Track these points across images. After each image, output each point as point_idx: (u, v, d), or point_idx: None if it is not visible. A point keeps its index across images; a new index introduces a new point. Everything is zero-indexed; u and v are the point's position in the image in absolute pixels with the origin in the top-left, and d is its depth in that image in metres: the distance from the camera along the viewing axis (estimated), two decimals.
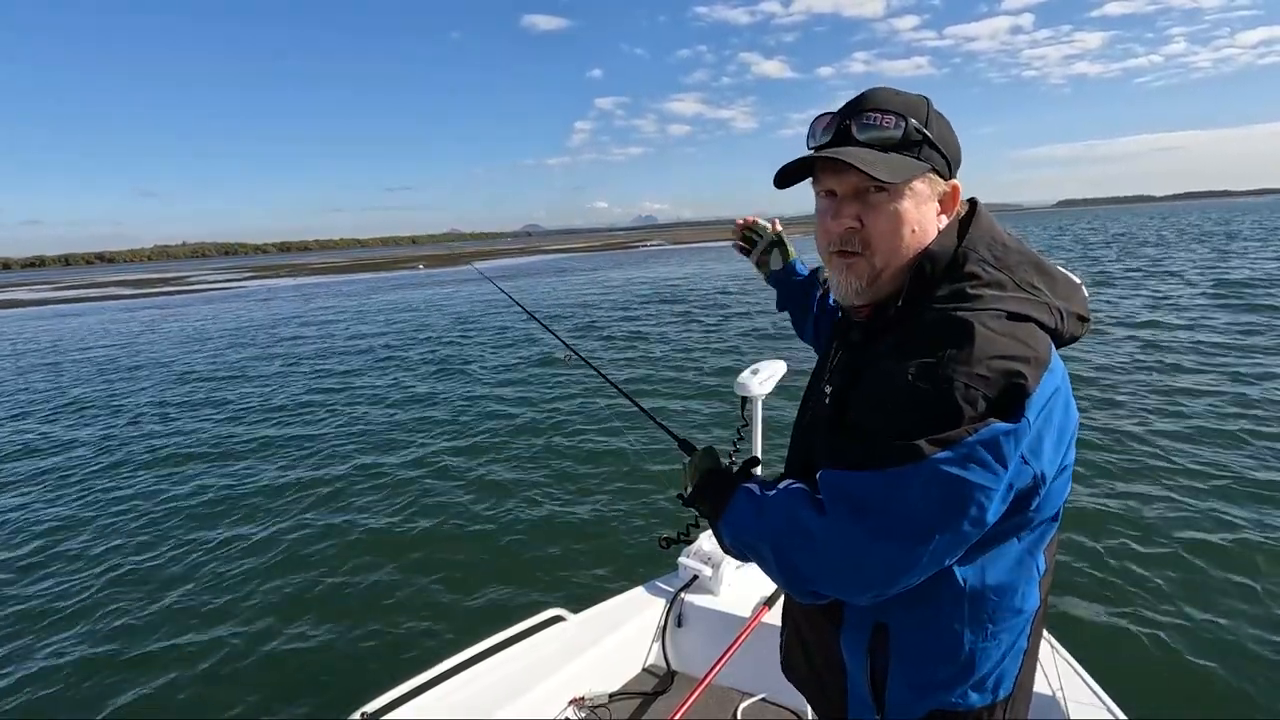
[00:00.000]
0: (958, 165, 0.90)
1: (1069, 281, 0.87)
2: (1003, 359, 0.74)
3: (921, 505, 0.74)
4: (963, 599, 0.83)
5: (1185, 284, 15.97)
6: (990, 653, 0.86)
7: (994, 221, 0.89)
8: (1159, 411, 6.58)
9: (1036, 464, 0.76)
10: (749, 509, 0.89)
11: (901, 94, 0.88)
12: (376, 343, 14.93)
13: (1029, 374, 0.74)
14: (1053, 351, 0.79)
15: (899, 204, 0.85)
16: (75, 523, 5.65)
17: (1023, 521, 0.82)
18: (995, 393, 0.73)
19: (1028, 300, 0.80)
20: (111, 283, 67.41)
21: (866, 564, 0.77)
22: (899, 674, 0.87)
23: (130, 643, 3.86)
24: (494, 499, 5.54)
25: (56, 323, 26.09)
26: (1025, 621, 0.87)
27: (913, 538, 0.75)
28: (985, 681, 0.86)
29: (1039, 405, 0.74)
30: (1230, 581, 3.69)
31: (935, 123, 0.87)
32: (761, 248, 1.52)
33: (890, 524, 0.75)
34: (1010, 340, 0.75)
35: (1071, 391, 0.82)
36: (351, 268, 68.26)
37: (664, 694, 2.26)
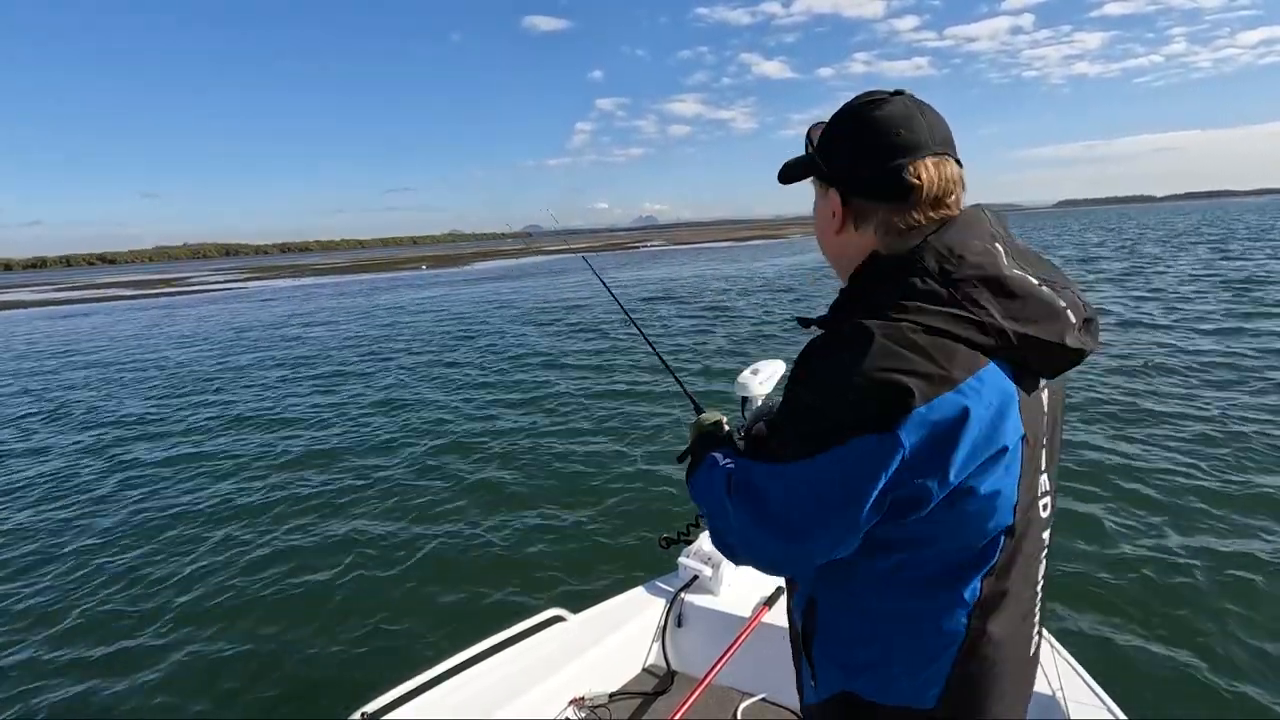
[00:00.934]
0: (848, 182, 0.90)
1: (1042, 305, 0.80)
2: (892, 371, 0.74)
3: (791, 503, 0.81)
4: (868, 593, 0.86)
5: (1182, 283, 15.98)
6: (895, 658, 0.86)
7: (971, 231, 0.84)
8: (1160, 411, 6.58)
9: (922, 479, 0.75)
10: (704, 473, 0.99)
11: (849, 101, 0.92)
12: (377, 344, 14.95)
13: (918, 389, 0.73)
14: (984, 373, 0.76)
15: (815, 202, 0.96)
16: (74, 524, 5.66)
17: (922, 536, 0.81)
18: (875, 404, 0.74)
19: (956, 318, 0.77)
20: (113, 283, 67.48)
21: (754, 546, 0.87)
22: (820, 646, 0.93)
23: (129, 644, 3.86)
24: (494, 499, 5.54)
25: (60, 324, 26.11)
26: (947, 644, 0.84)
27: (783, 531, 0.82)
28: (895, 683, 0.87)
29: (927, 422, 0.73)
30: (1230, 582, 3.69)
31: (831, 134, 0.92)
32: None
33: (765, 515, 0.83)
34: (912, 354, 0.75)
35: (1009, 415, 0.78)
36: (353, 268, 68.29)
37: (664, 694, 2.26)
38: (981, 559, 0.82)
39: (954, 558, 0.82)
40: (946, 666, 0.85)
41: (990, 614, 0.84)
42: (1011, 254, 0.84)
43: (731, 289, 22.46)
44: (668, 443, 6.52)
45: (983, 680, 0.86)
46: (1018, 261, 0.84)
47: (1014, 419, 0.79)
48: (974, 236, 0.84)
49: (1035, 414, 0.83)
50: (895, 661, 0.86)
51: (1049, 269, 0.87)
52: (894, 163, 0.85)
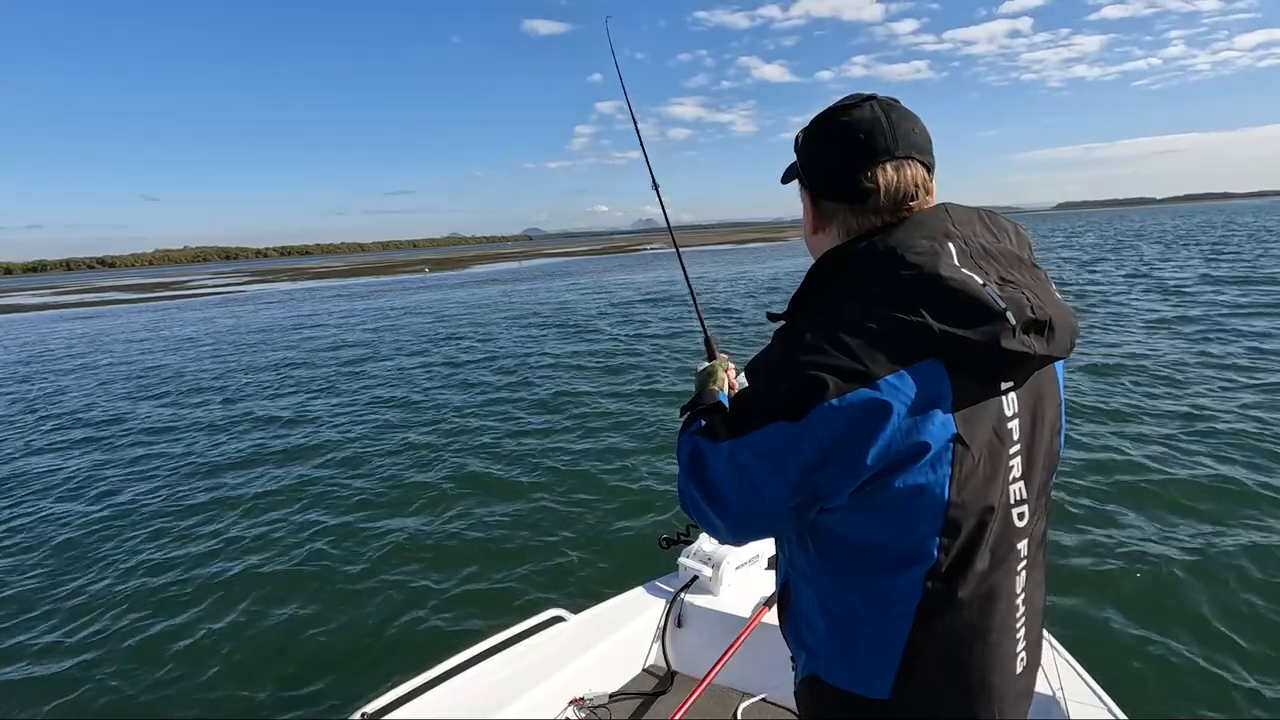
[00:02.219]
0: (822, 186, 0.94)
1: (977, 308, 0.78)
2: (810, 366, 0.79)
3: (715, 478, 0.89)
4: (820, 583, 0.92)
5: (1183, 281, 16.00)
6: (847, 644, 0.91)
7: (920, 230, 0.84)
8: (1160, 411, 6.58)
9: (833, 467, 0.79)
10: (686, 437, 1.03)
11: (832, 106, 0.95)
12: (380, 344, 14.93)
13: (833, 382, 0.77)
14: (910, 371, 0.77)
15: (802, 203, 1.00)
16: (72, 523, 5.67)
17: (847, 527, 0.85)
18: (790, 393, 0.80)
19: (885, 317, 0.79)
20: (113, 287, 67.56)
21: (701, 515, 0.94)
22: (790, 628, 1.00)
23: (129, 644, 3.86)
24: (493, 499, 5.54)
25: (59, 327, 26.13)
26: (890, 639, 0.85)
27: (714, 499, 0.89)
28: (847, 669, 0.91)
29: (838, 414, 0.77)
30: (1231, 582, 3.69)
31: (811, 135, 0.96)
32: None
33: (704, 482, 0.91)
34: (833, 350, 0.79)
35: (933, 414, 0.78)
36: (354, 272, 68.36)
37: (664, 694, 2.26)
38: (915, 559, 0.83)
39: (891, 555, 0.84)
40: (894, 661, 0.87)
41: (937, 615, 0.84)
42: (970, 252, 0.83)
43: (731, 289, 22.48)
44: (668, 442, 6.52)
45: (937, 681, 0.88)
46: (975, 260, 0.83)
47: (940, 419, 0.78)
48: (922, 235, 0.83)
49: (984, 415, 0.81)
50: (848, 648, 0.91)
51: (1016, 269, 0.85)
52: (851, 166, 0.89)
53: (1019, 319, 0.79)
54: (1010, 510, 0.85)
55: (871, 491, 0.80)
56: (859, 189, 0.89)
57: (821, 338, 0.81)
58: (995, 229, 0.90)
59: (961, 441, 0.79)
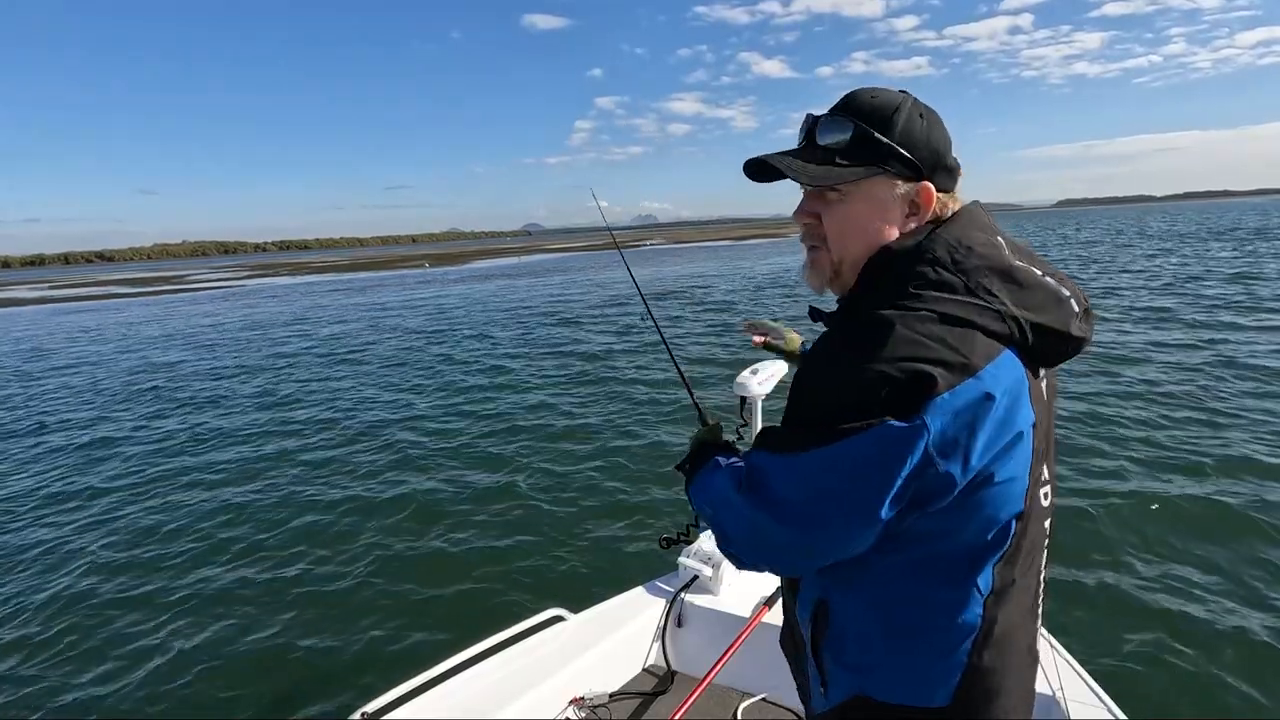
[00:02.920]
0: (935, 166, 0.89)
1: (1048, 293, 0.83)
2: (913, 360, 0.74)
3: (810, 493, 0.79)
4: (885, 590, 0.85)
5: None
6: (912, 654, 0.85)
7: (974, 225, 0.87)
8: (1162, 411, 6.58)
9: (944, 466, 0.75)
10: (706, 477, 0.98)
11: (878, 95, 0.89)
12: (382, 343, 14.94)
13: (941, 376, 0.73)
14: (1001, 360, 0.78)
15: (851, 204, 0.89)
16: (72, 522, 5.66)
17: (944, 528, 0.81)
18: (897, 391, 0.74)
19: (972, 305, 0.79)
20: (112, 281, 67.44)
21: (766, 543, 0.84)
22: (829, 650, 0.91)
23: (129, 644, 3.86)
24: (493, 499, 5.54)
25: (58, 320, 26.09)
26: (963, 637, 0.84)
27: (801, 523, 0.80)
28: (908, 681, 0.86)
29: (950, 409, 0.73)
30: (1232, 582, 3.69)
31: (903, 124, 0.87)
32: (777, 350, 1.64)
33: (783, 508, 0.80)
34: (932, 342, 0.75)
35: (1023, 401, 0.79)
36: (353, 266, 68.25)
37: (664, 694, 2.26)
38: (994, 546, 0.83)
39: (971, 546, 0.82)
40: (962, 659, 0.84)
41: (1002, 603, 0.85)
42: (1010, 248, 0.86)
43: (732, 288, 22.46)
44: (669, 442, 6.52)
45: (994, 673, 0.86)
46: (1018, 255, 0.86)
47: (1026, 405, 0.80)
48: (977, 229, 0.87)
49: (1040, 401, 0.84)
50: (911, 658, 0.86)
51: (1045, 263, 0.88)
52: (950, 155, 0.90)
53: (1079, 306, 0.85)
54: (1040, 490, 0.87)
55: (973, 487, 0.78)
56: (955, 176, 0.90)
57: (916, 330, 0.76)
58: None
59: (1037, 427, 0.82)
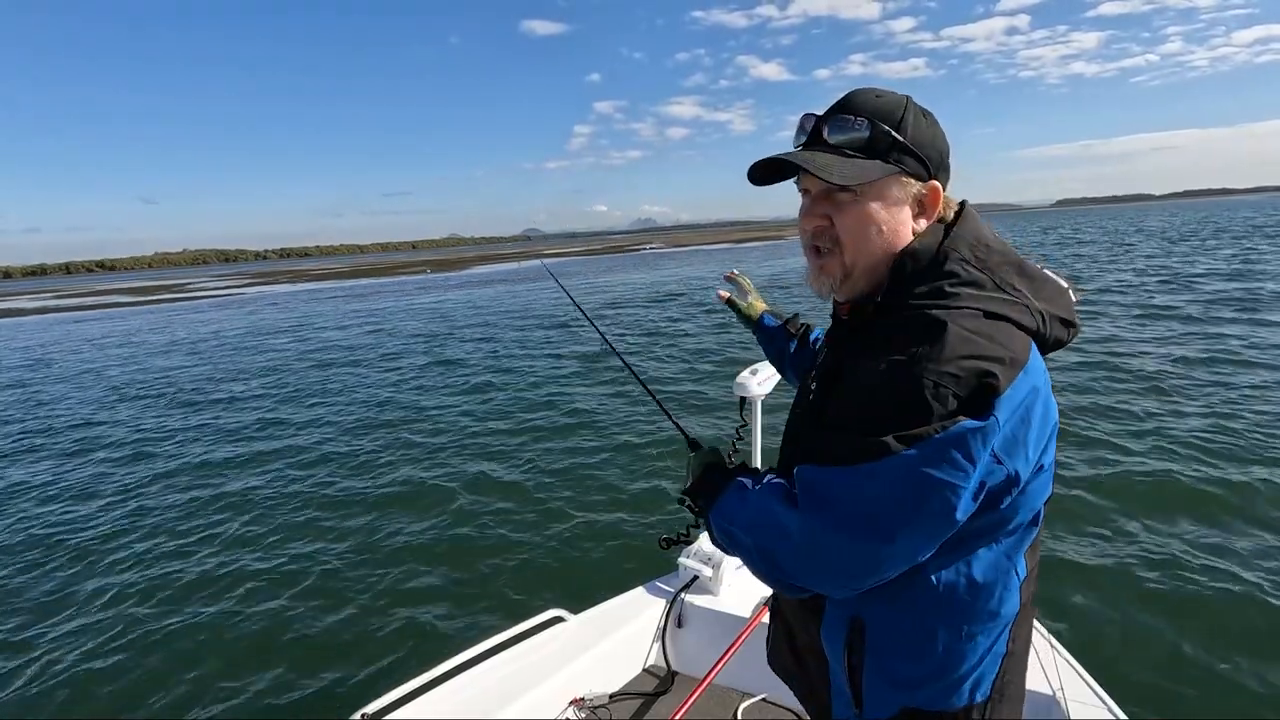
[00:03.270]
0: (940, 166, 0.90)
1: (1054, 285, 0.87)
2: (974, 358, 0.74)
3: (888, 502, 0.75)
4: (937, 598, 0.83)
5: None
6: (965, 654, 0.85)
7: (980, 223, 0.90)
8: (1163, 410, 6.58)
9: (1010, 463, 0.76)
10: (736, 503, 0.91)
11: (883, 95, 0.89)
12: (383, 345, 14.95)
13: (1001, 373, 0.74)
14: (1032, 352, 0.79)
15: (866, 204, 0.87)
16: (74, 523, 5.67)
17: (997, 521, 0.81)
18: (965, 391, 0.73)
19: (1006, 301, 0.80)
20: (113, 290, 67.54)
21: (835, 560, 0.79)
22: (873, 669, 0.88)
23: (131, 644, 3.86)
24: (493, 500, 5.54)
25: (58, 330, 26.12)
26: (1004, 625, 0.85)
27: (879, 534, 0.76)
28: (960, 683, 0.86)
29: (1012, 405, 0.74)
30: (1232, 582, 3.68)
31: (913, 124, 0.87)
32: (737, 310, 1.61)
33: (857, 521, 0.76)
34: (984, 340, 0.76)
35: (1050, 391, 0.81)
36: (353, 273, 68.32)
37: (664, 694, 2.26)
38: (1030, 532, 0.86)
39: (1016, 535, 0.84)
40: (1003, 649, 0.86)
41: (1029, 586, 0.87)
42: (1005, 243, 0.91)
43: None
44: (669, 443, 6.51)
45: (1020, 656, 0.89)
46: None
47: (1052, 395, 0.82)
48: (984, 227, 0.89)
49: None
50: (965, 660, 0.85)
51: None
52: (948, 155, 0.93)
53: (1075, 297, 0.88)
54: None
55: (1033, 478, 0.80)
56: (949, 175, 0.93)
57: (967, 329, 0.76)
58: None
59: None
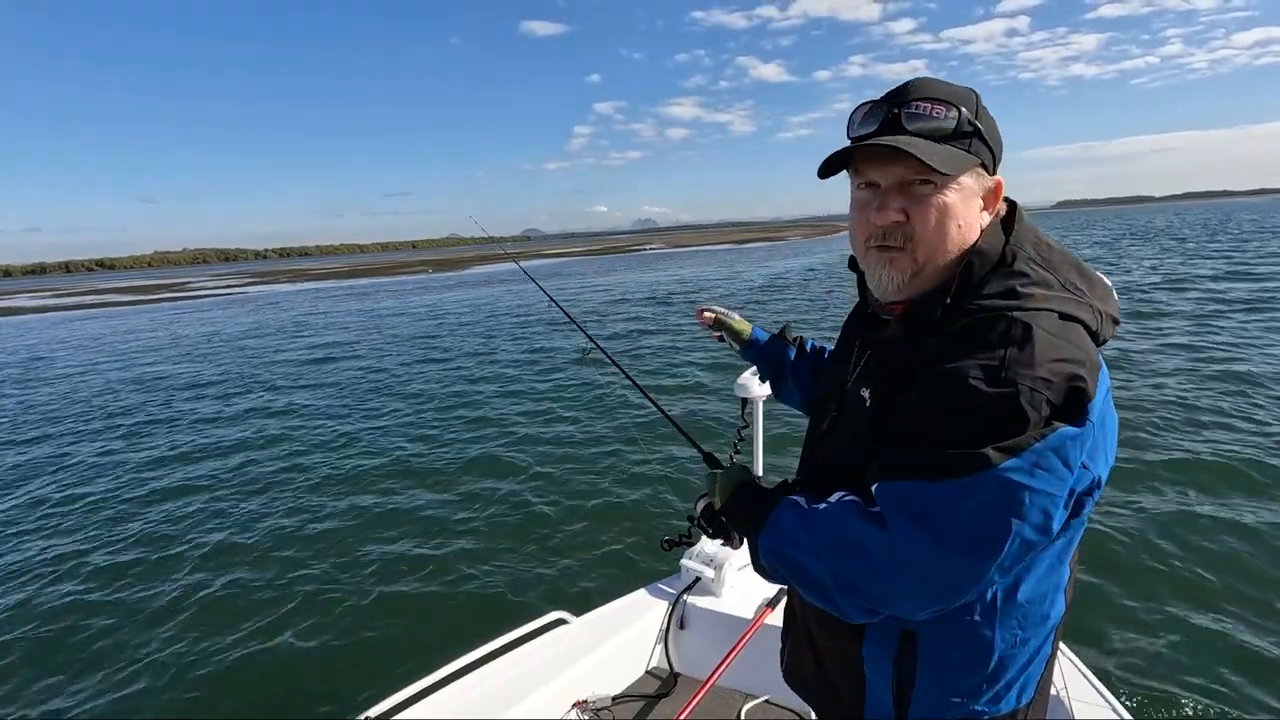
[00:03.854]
0: (1000, 159, 0.89)
1: (1104, 284, 0.86)
2: (1064, 361, 0.72)
3: (990, 515, 0.71)
4: (995, 607, 0.81)
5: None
6: (1018, 660, 0.85)
7: (1031, 225, 0.88)
8: (1164, 409, 6.58)
9: (1095, 468, 0.75)
10: (797, 523, 0.84)
11: (951, 85, 0.86)
12: (382, 344, 14.95)
13: (1088, 376, 0.73)
14: (1099, 356, 0.78)
15: (946, 198, 0.83)
16: (72, 529, 5.66)
17: (1066, 527, 0.79)
18: (1059, 396, 0.71)
19: (1073, 301, 0.79)
20: (113, 289, 67.49)
21: (932, 578, 0.74)
22: (927, 683, 0.85)
23: (133, 648, 3.86)
24: (495, 502, 5.54)
25: (62, 329, 26.10)
26: (1051, 628, 0.86)
27: (981, 549, 0.72)
28: (1010, 688, 0.85)
29: (1097, 406, 0.73)
30: (1233, 582, 3.68)
31: (984, 116, 0.86)
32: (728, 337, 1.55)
33: (958, 535, 0.72)
34: (1066, 342, 0.74)
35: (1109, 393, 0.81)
36: (354, 273, 68.27)
37: (667, 696, 2.26)
38: (1076, 537, 0.85)
39: (1070, 540, 0.84)
40: (1049, 650, 0.87)
41: (1070, 590, 0.87)
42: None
43: (732, 292, 22.47)
44: (669, 443, 6.51)
45: (1055, 656, 0.90)
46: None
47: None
48: (1035, 224, 0.88)
49: None
50: (1019, 665, 0.85)
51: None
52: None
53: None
54: None
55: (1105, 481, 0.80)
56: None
57: (1049, 331, 0.74)
58: None
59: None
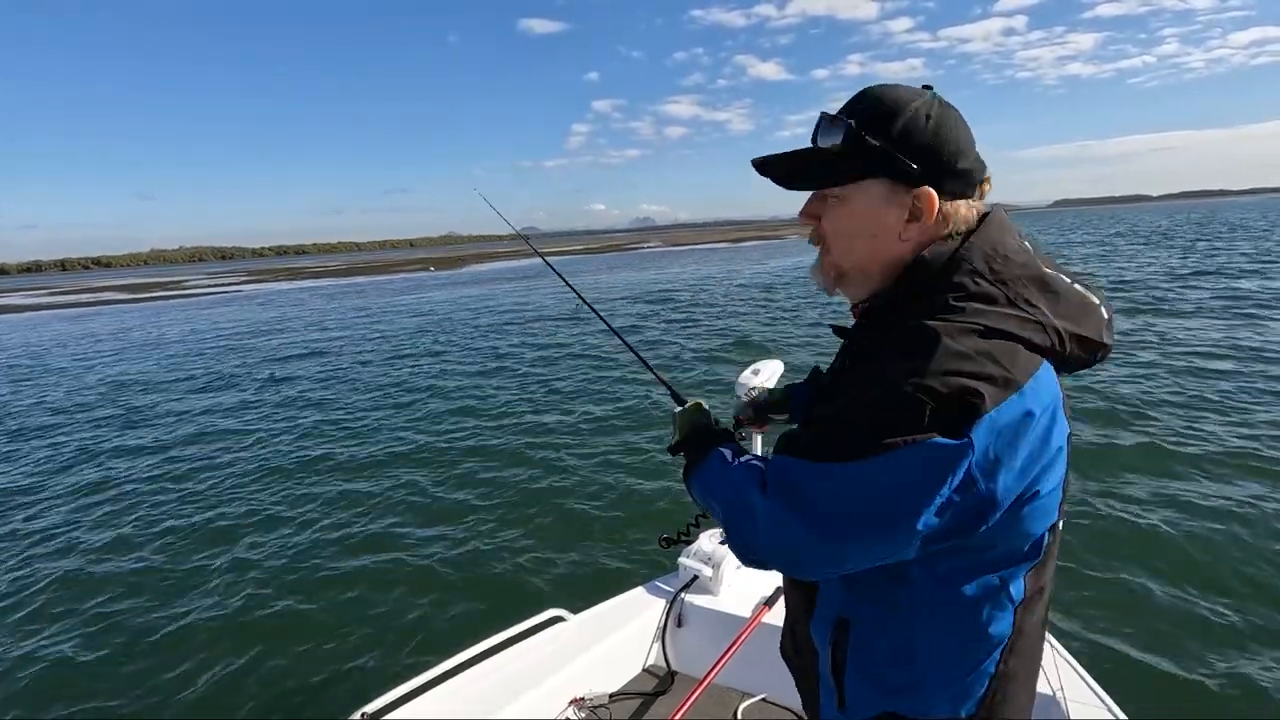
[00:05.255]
0: (945, 170, 0.84)
1: (1081, 302, 0.81)
2: (961, 375, 0.71)
3: (845, 504, 0.75)
4: (918, 608, 0.83)
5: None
6: (945, 667, 0.85)
7: (1005, 231, 0.85)
8: (1163, 410, 6.60)
9: (987, 484, 0.73)
10: (717, 471, 0.93)
11: (890, 92, 0.86)
12: (382, 344, 14.94)
13: (988, 393, 0.71)
14: (1040, 374, 0.76)
15: (848, 207, 0.87)
16: (68, 521, 5.65)
17: (981, 542, 0.79)
18: (944, 407, 0.71)
19: (1015, 318, 0.77)
20: (109, 287, 67.32)
21: (792, 549, 0.80)
22: (854, 669, 0.89)
23: (132, 644, 3.86)
24: (492, 499, 5.54)
25: (59, 327, 26.04)
26: (993, 646, 0.84)
27: (832, 534, 0.76)
28: (940, 694, 0.85)
29: (995, 426, 0.71)
30: (1232, 582, 3.69)
31: (908, 125, 0.83)
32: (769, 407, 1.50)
33: (815, 517, 0.77)
34: (978, 357, 0.73)
35: (1060, 415, 0.78)
36: (351, 271, 68.19)
37: (664, 694, 2.25)
38: (1029, 557, 0.82)
39: (1008, 558, 0.81)
40: (991, 669, 0.84)
41: (1029, 611, 0.84)
42: (1039, 254, 0.85)
43: (729, 291, 22.48)
44: (668, 441, 6.52)
45: (1016, 679, 0.87)
46: (1045, 261, 0.84)
47: (1063, 418, 0.78)
48: (1007, 235, 0.84)
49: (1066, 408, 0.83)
50: (946, 672, 0.85)
51: (1068, 269, 0.86)
52: (974, 154, 0.86)
53: (1108, 313, 0.83)
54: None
55: (1019, 503, 0.76)
56: (974, 180, 0.86)
57: (961, 344, 0.74)
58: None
59: (1068, 439, 0.81)
